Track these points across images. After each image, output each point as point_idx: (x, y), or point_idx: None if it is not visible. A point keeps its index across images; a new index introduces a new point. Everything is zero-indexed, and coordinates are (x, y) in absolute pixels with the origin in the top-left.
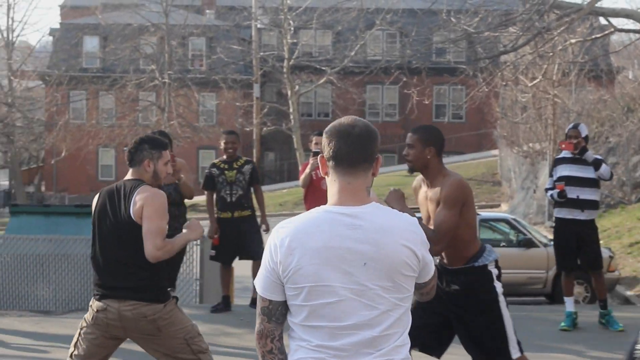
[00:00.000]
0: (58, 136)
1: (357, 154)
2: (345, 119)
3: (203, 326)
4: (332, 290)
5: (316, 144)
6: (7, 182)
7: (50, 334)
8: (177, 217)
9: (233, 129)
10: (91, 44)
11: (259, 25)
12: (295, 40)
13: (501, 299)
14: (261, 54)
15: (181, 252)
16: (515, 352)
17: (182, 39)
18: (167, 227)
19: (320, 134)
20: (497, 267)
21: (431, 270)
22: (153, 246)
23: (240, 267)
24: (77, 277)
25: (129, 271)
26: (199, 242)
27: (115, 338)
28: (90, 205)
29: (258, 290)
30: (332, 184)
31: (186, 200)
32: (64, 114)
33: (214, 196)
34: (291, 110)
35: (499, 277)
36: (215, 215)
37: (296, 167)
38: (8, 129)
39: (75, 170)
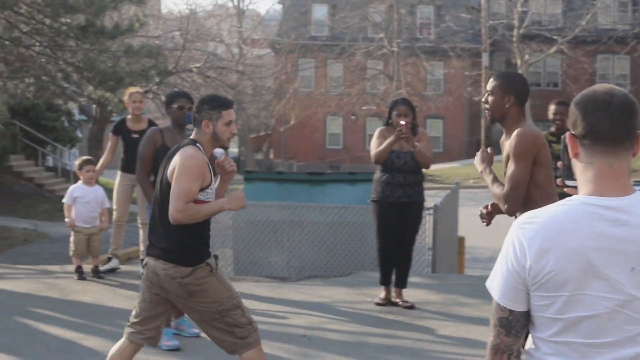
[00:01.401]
0: (287, 104)
1: (620, 129)
2: (599, 87)
3: (437, 295)
4: (592, 301)
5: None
6: (236, 150)
7: (286, 300)
8: (412, 184)
9: (563, 99)
10: (320, 12)
11: None
12: (525, 9)
13: None
14: (490, 22)
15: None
16: None
17: (410, 7)
18: (197, 189)
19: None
20: None
21: None
22: (174, 208)
23: (471, 237)
24: (310, 244)
25: (163, 231)
26: (431, 211)
27: (159, 296)
28: (321, 173)
29: (495, 297)
30: (585, 169)
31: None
32: (293, 82)
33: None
34: None
35: None
36: None
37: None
38: (239, 96)
39: (303, 138)
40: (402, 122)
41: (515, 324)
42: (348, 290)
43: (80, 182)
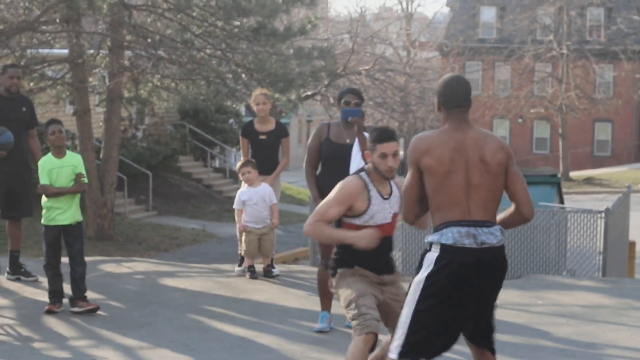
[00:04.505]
0: None
1: None
2: None
3: (609, 299)
4: None
5: None
6: (402, 152)
7: None
8: None
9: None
10: (489, 14)
11: None
12: None
13: (415, 286)
14: None
15: None
16: (393, 353)
17: (580, 9)
18: (335, 214)
19: None
20: (445, 252)
21: None
22: (307, 221)
23: None
24: None
25: None
26: (603, 214)
27: None
28: None
29: None
30: None
31: None
32: None
33: None
34: None
35: (437, 262)
36: None
37: None
38: (406, 98)
39: None
40: None
41: None
42: (520, 293)
43: (246, 185)
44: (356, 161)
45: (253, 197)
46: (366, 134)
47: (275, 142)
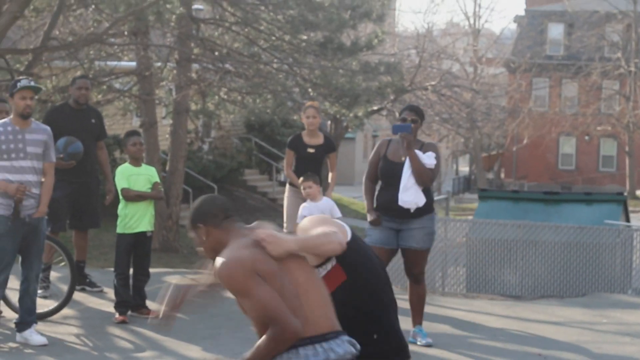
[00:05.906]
0: (521, 123)
1: None
2: None
3: None
4: None
5: None
6: (467, 168)
7: (521, 318)
8: None
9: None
10: (556, 31)
11: None
12: None
13: None
14: None
15: None
16: None
17: None
18: None
19: None
20: None
21: None
22: None
23: None
24: (544, 263)
25: None
26: None
27: None
28: (557, 193)
29: None
30: None
31: None
32: (527, 101)
33: None
34: None
35: None
36: None
37: None
38: (473, 114)
39: (535, 157)
40: None
41: None
42: (584, 311)
43: (308, 200)
44: (405, 179)
45: (314, 212)
46: (431, 153)
47: (322, 157)
